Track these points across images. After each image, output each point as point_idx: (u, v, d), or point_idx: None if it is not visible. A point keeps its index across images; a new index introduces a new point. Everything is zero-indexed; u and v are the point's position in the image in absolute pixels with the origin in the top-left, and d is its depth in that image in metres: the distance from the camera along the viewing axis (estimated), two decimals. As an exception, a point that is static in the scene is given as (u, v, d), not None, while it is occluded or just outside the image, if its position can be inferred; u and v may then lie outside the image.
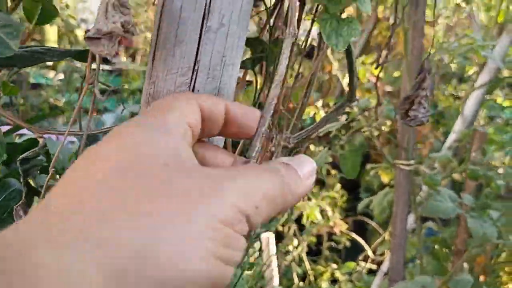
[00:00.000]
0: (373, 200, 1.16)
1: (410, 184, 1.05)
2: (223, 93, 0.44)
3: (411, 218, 1.20)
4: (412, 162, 1.03)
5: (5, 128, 0.68)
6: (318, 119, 1.82)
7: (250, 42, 0.57)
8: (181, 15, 0.40)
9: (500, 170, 1.40)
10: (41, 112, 2.44)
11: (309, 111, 1.75)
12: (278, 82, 0.37)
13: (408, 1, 1.03)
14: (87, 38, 0.36)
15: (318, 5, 0.54)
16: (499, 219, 0.90)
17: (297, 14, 0.42)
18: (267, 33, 0.60)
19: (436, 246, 1.22)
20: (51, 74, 2.75)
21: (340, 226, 1.87)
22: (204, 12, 0.40)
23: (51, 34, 2.84)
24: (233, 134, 0.38)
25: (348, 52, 0.56)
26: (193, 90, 0.42)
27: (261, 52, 0.57)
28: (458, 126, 1.42)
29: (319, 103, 1.72)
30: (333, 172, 2.07)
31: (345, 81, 1.76)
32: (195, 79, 0.42)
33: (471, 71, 1.54)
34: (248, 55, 0.59)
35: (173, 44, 0.41)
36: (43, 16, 0.60)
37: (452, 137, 1.41)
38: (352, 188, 2.79)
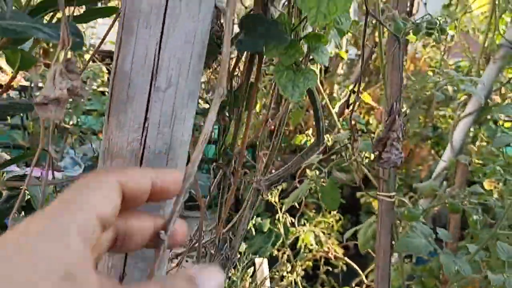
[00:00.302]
0: (359, 230, 1.16)
1: (393, 216, 1.06)
2: (174, 146, 0.45)
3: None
4: (393, 193, 1.03)
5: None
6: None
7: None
8: (131, 76, 0.42)
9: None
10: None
11: (301, 139, 1.77)
12: (203, 141, 0.38)
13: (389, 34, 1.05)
14: (35, 104, 0.38)
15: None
16: (479, 252, 0.90)
17: (225, 74, 0.44)
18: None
19: (424, 276, 1.22)
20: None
21: (334, 251, 1.87)
22: (152, 73, 0.42)
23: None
24: (163, 199, 0.39)
25: (313, 99, 0.58)
26: (144, 146, 0.44)
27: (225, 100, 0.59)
28: (447, 154, 1.42)
29: (310, 131, 1.73)
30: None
31: (337, 106, 1.78)
32: (146, 135, 0.44)
33: (462, 97, 1.55)
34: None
35: (125, 103, 0.43)
36: (23, 64, 0.63)
37: (441, 165, 1.42)
38: (353, 210, 2.79)
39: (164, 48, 0.41)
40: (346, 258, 1.90)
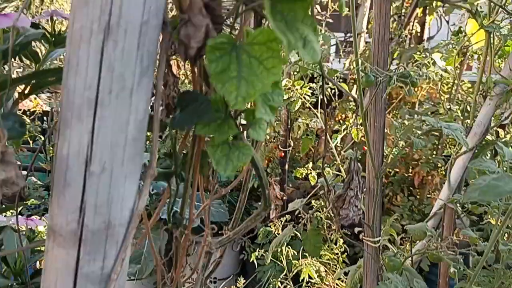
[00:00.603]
0: (348, 273, 1.16)
1: (378, 261, 1.05)
2: (114, 224, 0.48)
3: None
4: (378, 239, 1.03)
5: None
6: (312, 180, 1.84)
7: (166, 156, 0.61)
8: (68, 162, 0.45)
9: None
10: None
11: (302, 172, 1.78)
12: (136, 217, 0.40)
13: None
14: (-29, 194, 0.41)
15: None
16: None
17: (155, 156, 0.46)
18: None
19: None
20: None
21: (336, 285, 1.85)
22: (86, 159, 0.45)
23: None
24: None
25: (255, 167, 0.59)
26: (82, 226, 0.46)
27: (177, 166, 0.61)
28: (444, 192, 1.41)
29: (310, 165, 1.74)
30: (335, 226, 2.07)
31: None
32: (83, 216, 0.46)
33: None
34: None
35: (63, 186, 0.46)
36: None
37: (438, 203, 1.40)
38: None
39: (97, 137, 0.44)
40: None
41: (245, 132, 0.56)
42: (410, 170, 3.12)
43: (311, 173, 1.72)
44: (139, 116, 0.46)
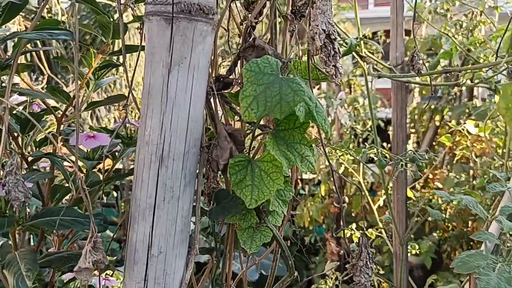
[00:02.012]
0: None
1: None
2: (168, 290, 0.66)
3: None
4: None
5: None
6: (355, 240, 1.94)
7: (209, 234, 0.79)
8: (136, 246, 0.64)
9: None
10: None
11: (347, 232, 1.89)
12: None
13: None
14: (75, 272, 0.61)
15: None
16: None
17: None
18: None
19: None
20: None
21: None
22: (148, 245, 0.64)
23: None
24: None
25: (278, 243, 0.76)
26: (146, 292, 0.65)
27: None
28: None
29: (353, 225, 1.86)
30: (384, 285, 2.13)
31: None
32: (147, 286, 0.65)
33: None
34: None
35: (132, 264, 0.65)
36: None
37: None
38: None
39: (155, 230, 0.63)
40: None
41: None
42: (469, 225, 3.10)
43: (354, 233, 1.84)
44: (184, 214, 0.65)
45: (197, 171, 0.66)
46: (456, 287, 1.25)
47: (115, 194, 4.42)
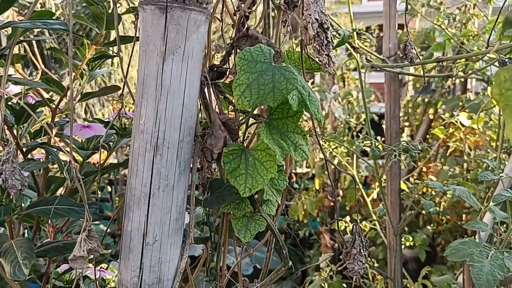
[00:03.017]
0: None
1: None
2: (163, 279, 0.67)
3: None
4: (399, 289, 1.15)
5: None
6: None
7: (204, 224, 0.80)
8: (131, 235, 0.65)
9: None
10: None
11: (340, 225, 1.90)
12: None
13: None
14: (70, 260, 0.61)
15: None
16: None
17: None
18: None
19: None
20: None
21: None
22: (143, 233, 0.64)
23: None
24: None
25: (272, 233, 0.77)
26: (141, 280, 0.66)
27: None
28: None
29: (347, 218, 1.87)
30: (378, 277, 2.15)
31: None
32: (142, 273, 0.66)
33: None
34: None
35: (128, 252, 0.65)
36: None
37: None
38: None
39: (150, 219, 0.64)
40: None
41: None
42: (463, 218, 3.13)
43: (348, 225, 1.85)
44: (179, 203, 0.65)
45: (192, 160, 0.67)
46: (449, 278, 1.26)
47: (109, 188, 4.42)
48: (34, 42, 1.80)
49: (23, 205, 0.79)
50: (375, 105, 4.15)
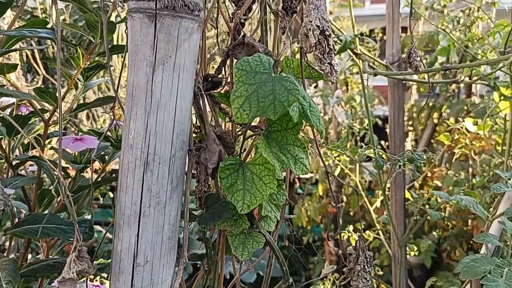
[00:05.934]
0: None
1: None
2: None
3: None
4: (406, 303, 1.11)
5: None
6: (352, 242, 1.91)
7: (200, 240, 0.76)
8: (121, 255, 0.61)
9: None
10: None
11: (344, 235, 1.86)
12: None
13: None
14: (58, 282, 0.58)
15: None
16: None
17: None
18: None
19: None
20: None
21: None
22: (134, 254, 0.61)
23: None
24: None
25: (272, 249, 0.73)
26: (132, 302, 0.62)
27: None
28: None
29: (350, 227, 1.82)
30: (383, 286, 2.10)
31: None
32: (133, 295, 0.62)
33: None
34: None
35: (118, 273, 0.62)
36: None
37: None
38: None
39: (141, 238, 0.60)
40: None
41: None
42: (469, 223, 3.08)
43: (352, 235, 1.80)
44: (172, 221, 0.62)
45: (185, 175, 0.63)
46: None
47: (111, 195, 4.39)
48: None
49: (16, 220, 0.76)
50: (379, 108, 4.11)
